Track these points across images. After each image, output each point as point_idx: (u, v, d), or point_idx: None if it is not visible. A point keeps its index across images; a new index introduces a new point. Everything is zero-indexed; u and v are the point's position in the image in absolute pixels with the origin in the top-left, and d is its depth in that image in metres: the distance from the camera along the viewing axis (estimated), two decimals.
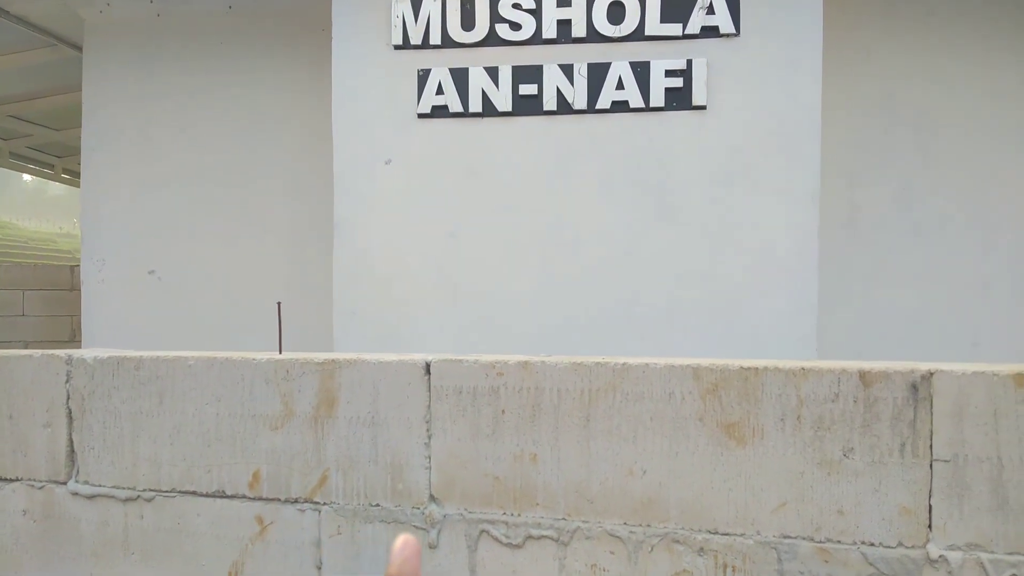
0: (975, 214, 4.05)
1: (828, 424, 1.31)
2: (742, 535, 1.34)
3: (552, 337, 3.63)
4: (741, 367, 1.36)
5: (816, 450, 1.31)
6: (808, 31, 3.63)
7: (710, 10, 3.68)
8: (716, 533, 1.35)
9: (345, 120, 3.86)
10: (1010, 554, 1.20)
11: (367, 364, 1.54)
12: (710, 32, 3.68)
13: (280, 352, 1.67)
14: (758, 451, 1.34)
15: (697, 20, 3.68)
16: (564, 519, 1.42)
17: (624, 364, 1.42)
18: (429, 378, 1.50)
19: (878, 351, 4.10)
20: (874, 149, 4.18)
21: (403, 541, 0.49)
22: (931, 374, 1.27)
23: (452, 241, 3.77)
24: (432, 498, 1.50)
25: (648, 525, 1.38)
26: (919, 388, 1.27)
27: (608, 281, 3.64)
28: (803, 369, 1.33)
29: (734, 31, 3.66)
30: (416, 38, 3.81)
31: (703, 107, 3.65)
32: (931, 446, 1.26)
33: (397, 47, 3.83)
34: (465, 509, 1.48)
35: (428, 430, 1.50)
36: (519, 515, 1.45)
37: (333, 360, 1.55)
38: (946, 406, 1.26)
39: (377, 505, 1.53)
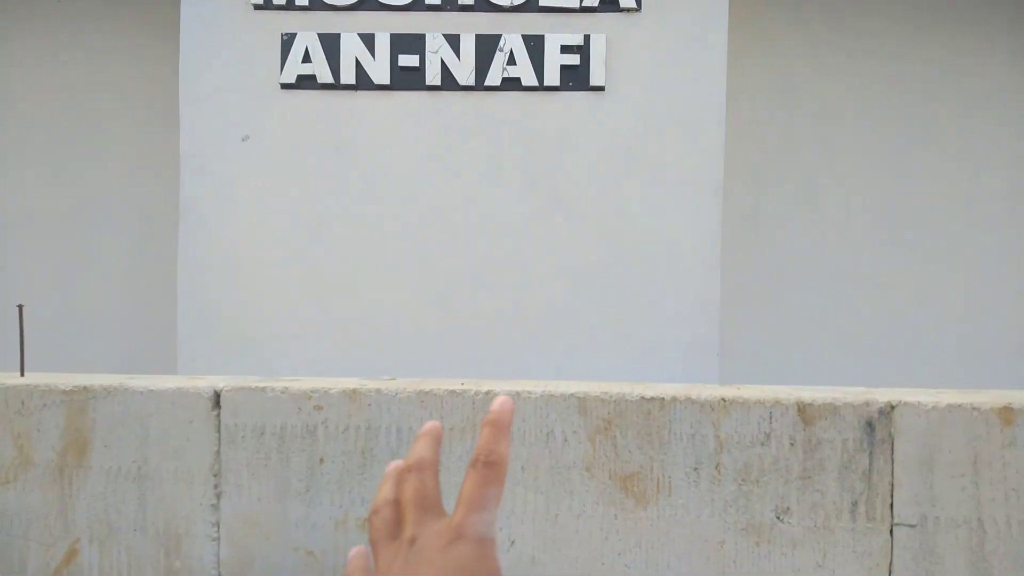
0: (877, 210, 3.91)
1: (756, 476, 0.97)
2: None
3: (433, 341, 3.22)
4: (643, 397, 1.00)
5: (741, 511, 0.96)
6: (713, 10, 3.36)
7: None
8: None
9: (194, 90, 3.32)
10: None
11: (133, 394, 1.09)
12: (609, 5, 3.36)
13: (22, 373, 1.20)
14: (664, 513, 0.98)
15: None
16: None
17: (488, 392, 1.04)
18: (219, 413, 1.07)
19: (782, 357, 3.90)
20: (777, 142, 3.98)
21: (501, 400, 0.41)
22: (892, 408, 0.94)
23: (320, 230, 3.30)
24: None
25: None
26: (876, 427, 0.94)
27: (496, 278, 3.26)
28: (724, 401, 0.98)
29: (635, 5, 3.36)
30: None
31: (601, 88, 3.32)
32: (891, 505, 0.94)
33: (257, 7, 3.32)
34: None
35: (217, 486, 1.07)
36: None
37: (85, 388, 1.10)
38: (911, 450, 0.93)
39: None
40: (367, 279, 3.23)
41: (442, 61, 3.32)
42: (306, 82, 3.30)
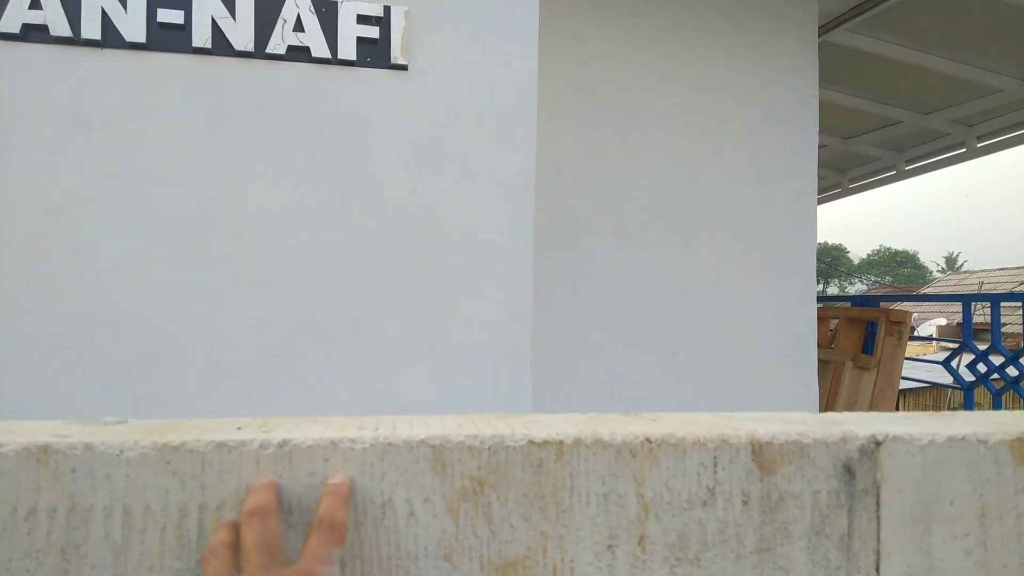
0: (674, 218, 3.90)
1: (697, 551, 0.65)
2: None
3: (201, 357, 2.66)
4: (531, 441, 0.65)
5: None
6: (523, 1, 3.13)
7: None
8: None
9: None
10: None
11: None
12: None
13: None
14: None
15: None
16: None
17: (283, 443, 0.63)
18: None
19: (588, 362, 3.76)
20: (580, 143, 3.84)
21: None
22: (877, 444, 0.67)
23: (53, 220, 2.59)
24: None
25: None
26: (856, 472, 0.66)
27: (282, 280, 2.75)
28: (648, 443, 0.66)
29: None
30: None
31: (404, 67, 2.94)
32: None
33: None
34: None
35: None
36: None
37: None
38: (903, 505, 0.66)
39: None
40: (116, 281, 2.60)
41: (213, 20, 2.78)
42: (35, 33, 2.59)
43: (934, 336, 15.10)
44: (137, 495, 0.63)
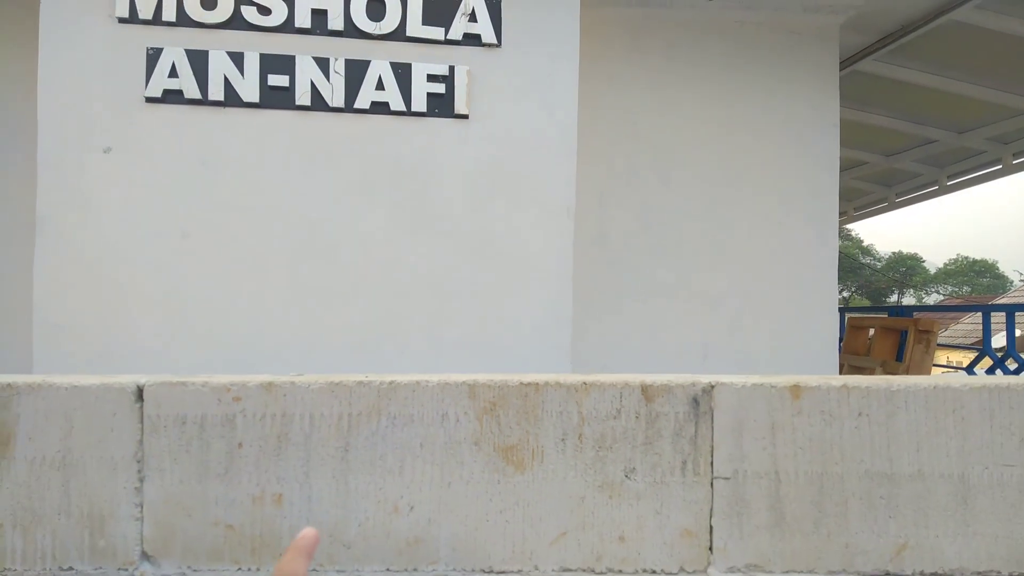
0: (705, 236, 4.39)
1: (610, 443, 1.21)
2: (519, 572, 1.19)
3: (303, 355, 3.31)
4: (521, 383, 1.22)
5: (598, 472, 1.20)
6: (566, 47, 3.70)
7: (472, 17, 3.61)
8: (491, 572, 1.19)
9: (53, 99, 3.25)
10: (786, 572, 1.17)
11: (57, 389, 1.18)
12: (472, 40, 3.61)
13: None
14: (538, 476, 1.20)
15: (459, 26, 3.59)
16: (315, 571, 1.18)
17: (392, 383, 1.22)
18: (142, 406, 1.19)
19: (625, 364, 4.27)
20: (620, 172, 4.38)
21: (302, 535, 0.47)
22: (712, 387, 1.22)
23: (185, 244, 3.31)
24: (145, 555, 1.18)
25: (415, 569, 1.18)
26: (700, 402, 1.21)
27: (367, 293, 3.40)
28: (585, 384, 1.22)
29: (496, 42, 3.62)
30: (146, 12, 3.32)
31: (465, 116, 3.56)
32: (712, 463, 1.21)
33: (123, 20, 3.30)
34: (188, 567, 1.19)
35: (140, 471, 1.19)
36: (258, 570, 1.18)
37: (9, 385, 1.18)
38: (727, 420, 1.21)
39: (71, 569, 1.18)
40: (235, 294, 3.28)
41: (312, 83, 3.44)
42: (173, 96, 3.33)
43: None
44: (316, 408, 1.22)
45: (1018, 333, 17.93)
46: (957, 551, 1.19)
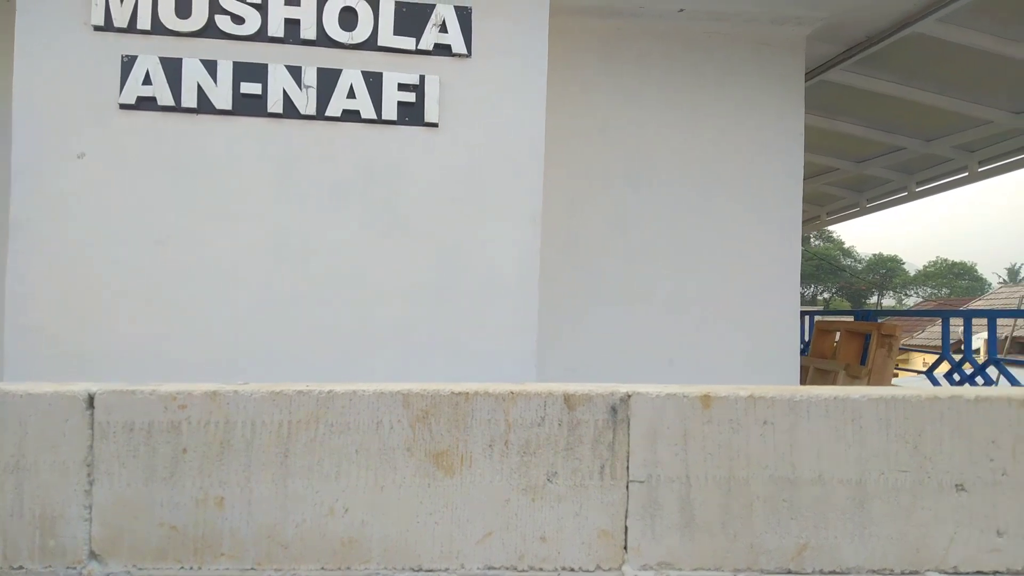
0: (673, 243, 4.49)
1: (534, 449, 1.30)
2: (446, 570, 1.28)
3: (275, 358, 3.39)
4: (452, 392, 1.30)
5: (522, 476, 1.29)
6: (535, 59, 3.78)
7: (443, 28, 3.69)
8: (420, 570, 1.28)
9: (29, 105, 3.31)
10: (695, 570, 1.26)
11: (13, 397, 1.26)
12: (443, 50, 3.68)
13: None
14: (466, 480, 1.29)
15: (430, 37, 3.66)
16: (253, 569, 1.26)
17: (330, 392, 1.30)
18: (93, 412, 1.26)
19: (593, 367, 4.37)
20: (591, 178, 4.47)
21: None
22: (629, 396, 1.31)
23: (159, 249, 3.38)
24: (93, 555, 1.26)
25: (348, 568, 1.27)
26: (618, 410, 1.30)
27: (338, 298, 3.48)
28: (512, 393, 1.30)
29: (466, 52, 3.70)
30: (120, 20, 3.38)
31: (435, 124, 3.63)
32: (628, 467, 1.29)
33: (97, 28, 3.36)
34: (134, 566, 1.26)
35: (90, 475, 1.26)
36: (199, 568, 1.26)
37: None
38: (643, 428, 1.30)
39: (21, 568, 1.25)
40: (208, 297, 3.35)
41: (284, 91, 3.51)
42: (146, 103, 3.39)
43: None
44: (257, 415, 1.30)
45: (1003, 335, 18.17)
46: (854, 551, 1.29)
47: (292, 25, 3.56)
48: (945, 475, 1.30)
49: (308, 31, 3.58)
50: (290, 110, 3.54)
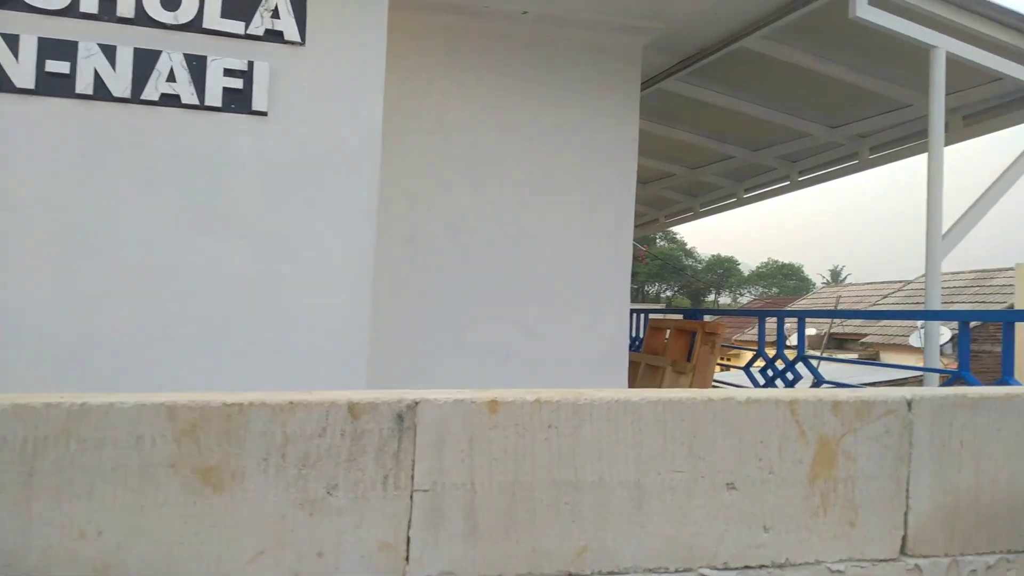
0: (511, 243, 4.54)
1: (314, 461, 1.24)
2: None
3: (75, 359, 3.11)
4: (224, 403, 1.22)
5: (299, 490, 1.23)
6: (372, 53, 3.69)
7: (275, 14, 3.52)
8: None
9: None
10: None
11: None
12: (274, 36, 3.52)
13: None
14: (237, 497, 1.21)
15: (261, 22, 3.49)
16: None
17: (83, 404, 1.18)
18: None
19: (431, 367, 4.34)
20: (431, 176, 4.44)
21: None
22: (416, 403, 1.28)
23: None
24: None
25: None
26: (404, 418, 1.27)
27: (148, 294, 3.24)
28: (291, 403, 1.24)
29: (299, 40, 3.56)
30: None
31: (264, 113, 3.47)
32: (412, 476, 1.27)
33: None
34: None
35: None
36: None
37: None
38: (429, 436, 1.27)
39: None
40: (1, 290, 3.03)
41: (95, 71, 3.23)
42: None
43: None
44: None
45: (812, 332, 19.82)
46: (632, 551, 1.32)
47: (108, 2, 3.29)
48: (718, 475, 1.36)
49: (125, 8, 3.33)
50: (102, 92, 3.27)
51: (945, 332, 10.56)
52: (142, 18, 3.34)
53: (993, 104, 5.52)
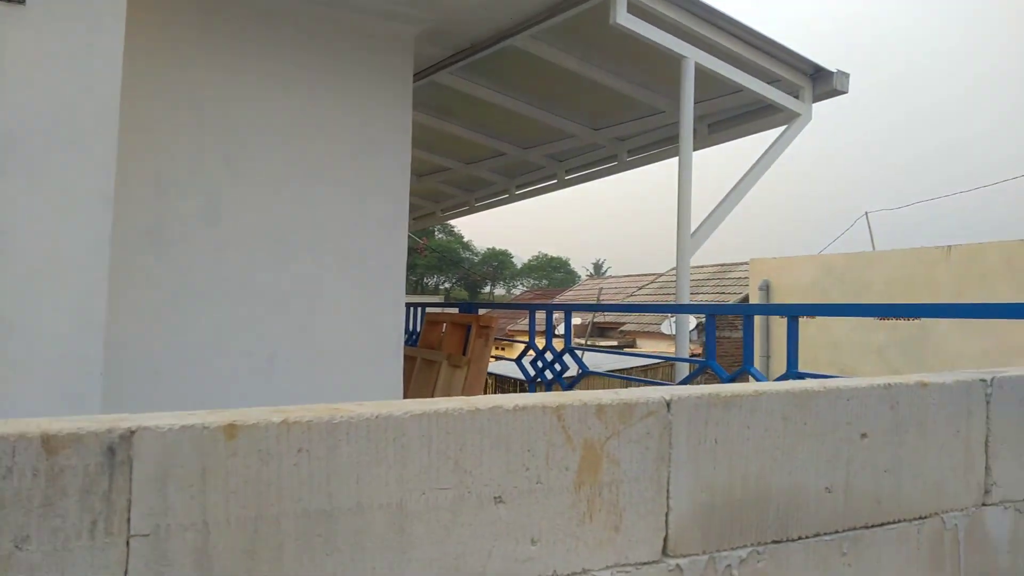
0: (275, 233, 4.25)
1: None
2: None
3: None
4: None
5: None
6: (109, 20, 3.24)
7: None
8: None
9: None
10: None
11: None
12: None
13: None
14: None
15: None
16: None
17: None
18: None
19: (184, 369, 3.94)
20: (183, 159, 4.02)
21: None
22: (132, 432, 1.07)
23: None
24: None
25: None
26: (117, 451, 1.05)
27: None
28: None
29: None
30: None
31: None
32: (129, 520, 1.06)
33: None
34: None
35: None
36: None
37: None
38: (149, 470, 1.07)
39: None
40: None
41: None
42: None
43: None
44: None
45: (578, 321, 21.06)
46: None
47: None
48: (485, 488, 1.29)
49: None
50: None
51: (692, 320, 11.72)
52: None
53: (734, 114, 6.11)
